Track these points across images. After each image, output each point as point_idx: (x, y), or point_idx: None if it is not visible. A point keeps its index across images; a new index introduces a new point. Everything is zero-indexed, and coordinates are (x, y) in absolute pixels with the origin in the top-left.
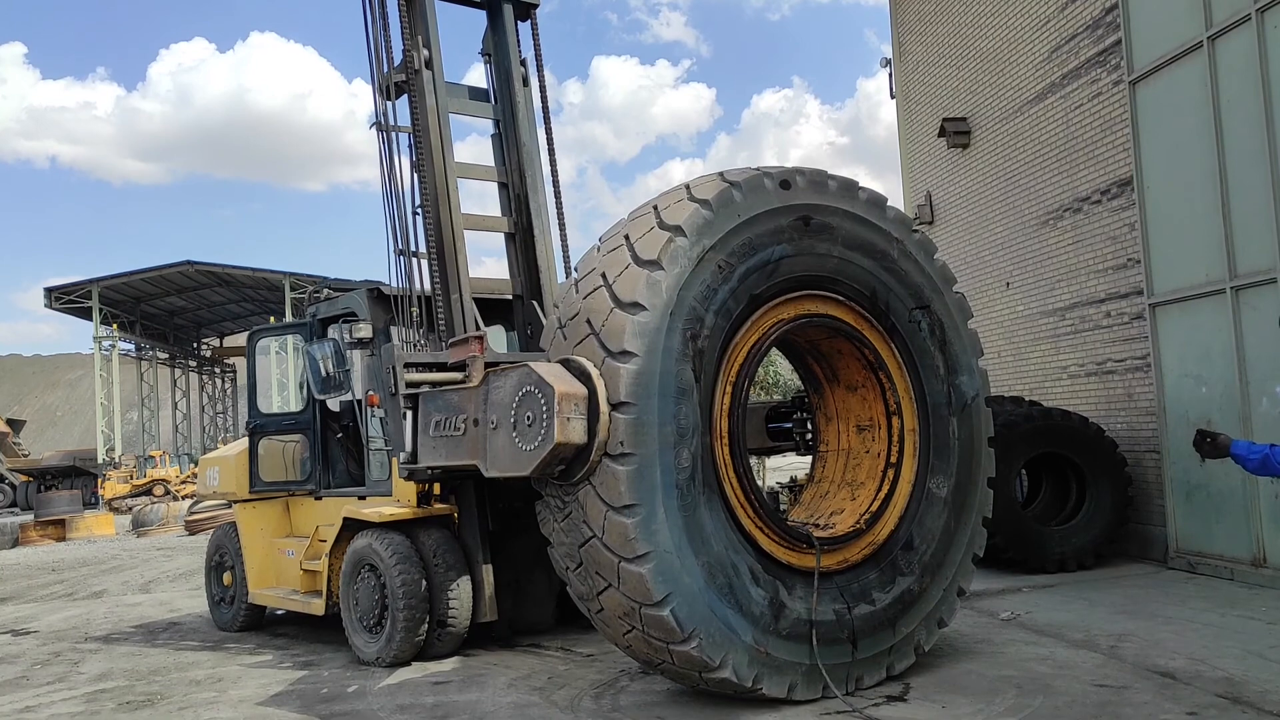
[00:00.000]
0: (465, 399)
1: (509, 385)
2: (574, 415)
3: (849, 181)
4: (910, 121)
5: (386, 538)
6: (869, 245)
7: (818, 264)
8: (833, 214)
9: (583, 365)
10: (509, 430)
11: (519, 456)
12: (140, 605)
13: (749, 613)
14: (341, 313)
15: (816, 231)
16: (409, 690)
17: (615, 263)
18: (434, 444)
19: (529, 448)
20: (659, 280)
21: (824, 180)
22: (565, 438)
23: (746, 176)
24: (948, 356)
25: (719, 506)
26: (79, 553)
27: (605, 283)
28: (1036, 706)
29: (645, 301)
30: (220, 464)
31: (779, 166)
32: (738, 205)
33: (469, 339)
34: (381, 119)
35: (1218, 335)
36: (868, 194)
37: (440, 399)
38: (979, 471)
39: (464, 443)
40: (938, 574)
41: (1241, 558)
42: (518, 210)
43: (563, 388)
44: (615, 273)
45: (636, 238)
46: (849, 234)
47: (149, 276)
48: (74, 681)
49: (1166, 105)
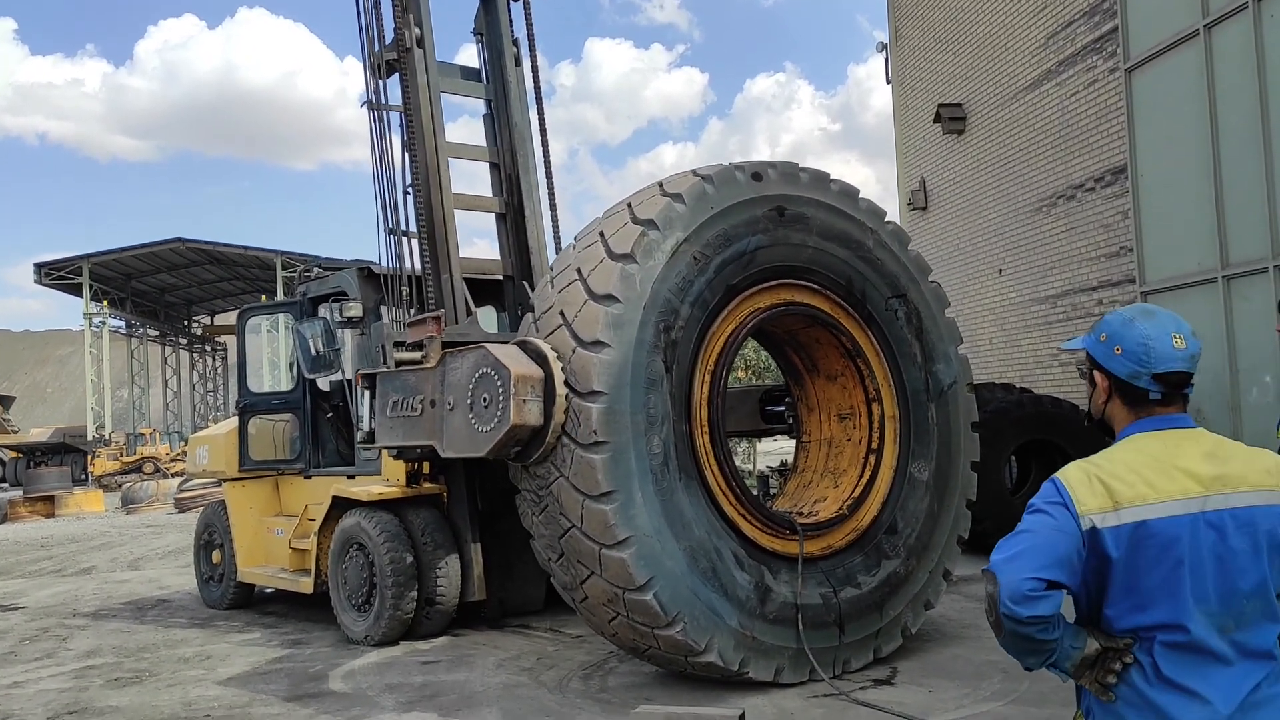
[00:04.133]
0: (422, 380)
1: (466, 367)
2: (530, 397)
3: (820, 174)
4: (905, 107)
5: (375, 516)
6: (844, 235)
7: (793, 254)
8: (806, 204)
9: (539, 348)
10: (465, 411)
11: (475, 437)
12: (129, 582)
13: (734, 597)
14: (332, 292)
15: (791, 222)
16: (398, 669)
17: (590, 258)
18: (391, 424)
19: (485, 429)
20: (632, 273)
21: (795, 172)
22: (521, 420)
23: (718, 170)
24: (924, 344)
25: (698, 492)
26: (68, 529)
27: (580, 277)
28: (1023, 691)
29: (619, 294)
30: (210, 442)
31: (751, 160)
32: (710, 198)
33: (426, 319)
34: (373, 97)
35: (1209, 324)
36: (840, 185)
37: (398, 379)
38: (960, 455)
39: (421, 423)
40: (923, 557)
41: None
42: (509, 191)
43: (519, 370)
44: (590, 267)
45: (611, 233)
46: (823, 224)
47: (140, 253)
48: (62, 658)
49: (1162, 93)
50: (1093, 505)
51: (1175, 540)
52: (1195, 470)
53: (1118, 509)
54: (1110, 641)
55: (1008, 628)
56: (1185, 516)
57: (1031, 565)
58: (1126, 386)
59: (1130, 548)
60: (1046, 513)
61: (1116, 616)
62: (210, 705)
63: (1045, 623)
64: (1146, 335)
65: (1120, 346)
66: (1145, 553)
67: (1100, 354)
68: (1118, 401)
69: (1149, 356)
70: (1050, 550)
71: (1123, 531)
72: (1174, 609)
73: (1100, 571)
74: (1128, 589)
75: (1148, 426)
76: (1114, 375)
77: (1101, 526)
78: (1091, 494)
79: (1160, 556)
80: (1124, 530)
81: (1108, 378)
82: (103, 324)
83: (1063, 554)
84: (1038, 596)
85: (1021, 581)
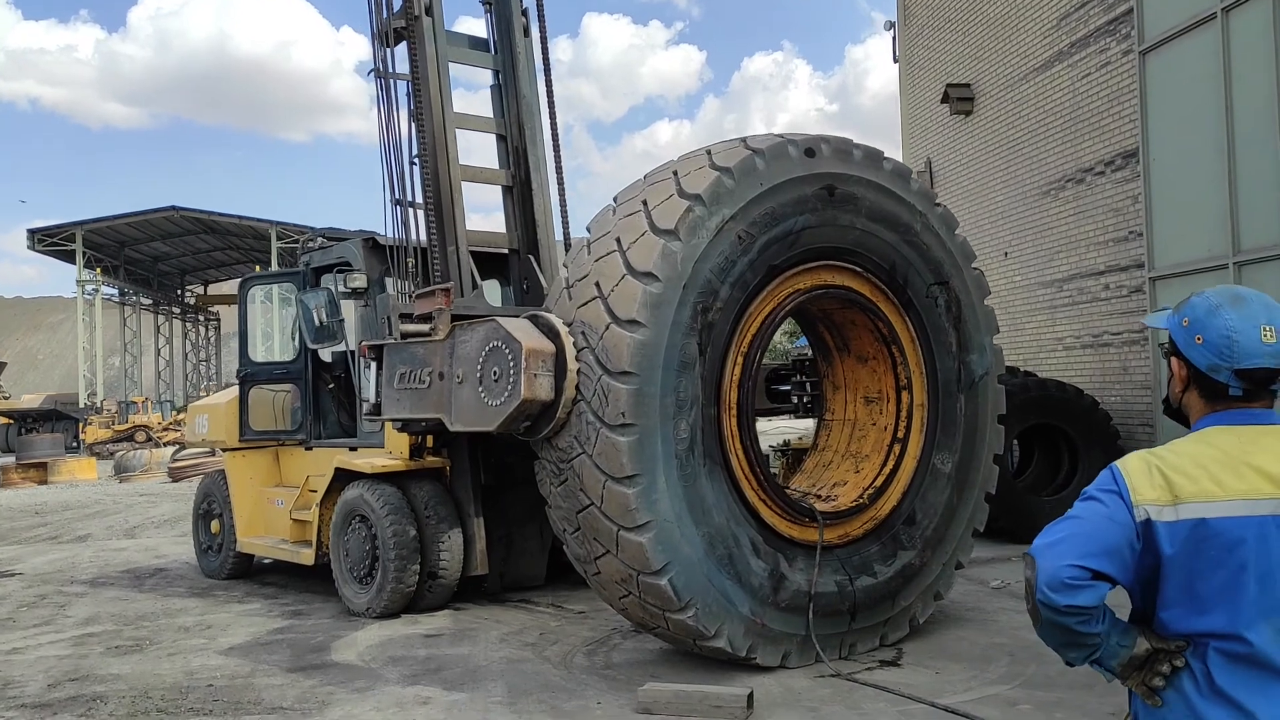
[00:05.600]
0: (431, 352)
1: (475, 340)
2: (541, 372)
3: (874, 151)
4: (912, 86)
5: (378, 489)
6: (892, 218)
7: (839, 235)
8: (857, 184)
9: (551, 321)
10: (474, 385)
11: (484, 411)
12: (125, 550)
13: (748, 584)
14: (336, 262)
15: (840, 202)
16: (400, 643)
17: (631, 228)
18: (398, 396)
19: (495, 403)
20: (675, 251)
21: (849, 149)
22: (532, 394)
23: (770, 143)
24: (961, 333)
25: (721, 478)
26: (61, 496)
27: (619, 248)
28: (1030, 674)
29: (659, 272)
30: (210, 412)
31: (802, 134)
32: (760, 174)
33: (435, 291)
34: (380, 65)
35: None
36: (892, 164)
37: (405, 351)
38: (984, 448)
39: (429, 396)
40: (938, 549)
41: None
42: (516, 164)
43: (530, 344)
44: (630, 239)
45: (655, 204)
46: (873, 205)
47: (133, 221)
48: (61, 625)
49: (1176, 77)
50: (1149, 496)
51: (1239, 543)
52: (1270, 470)
53: (1176, 504)
54: (1162, 643)
55: (1044, 616)
56: (1253, 518)
57: (1074, 552)
58: (1205, 379)
59: (1189, 547)
60: (1098, 499)
61: (1172, 620)
62: (212, 675)
63: (1085, 614)
64: (1231, 327)
65: (1202, 336)
66: (1206, 554)
67: (1181, 340)
68: (1195, 392)
69: (1232, 351)
70: (1098, 538)
71: (1179, 528)
72: (1233, 617)
73: (1155, 569)
74: (1185, 591)
75: (1224, 420)
76: (1192, 365)
77: (1157, 520)
78: (1150, 484)
79: (1222, 559)
80: (1181, 527)
81: (1186, 366)
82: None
83: (1112, 544)
84: (1079, 585)
85: (1061, 568)
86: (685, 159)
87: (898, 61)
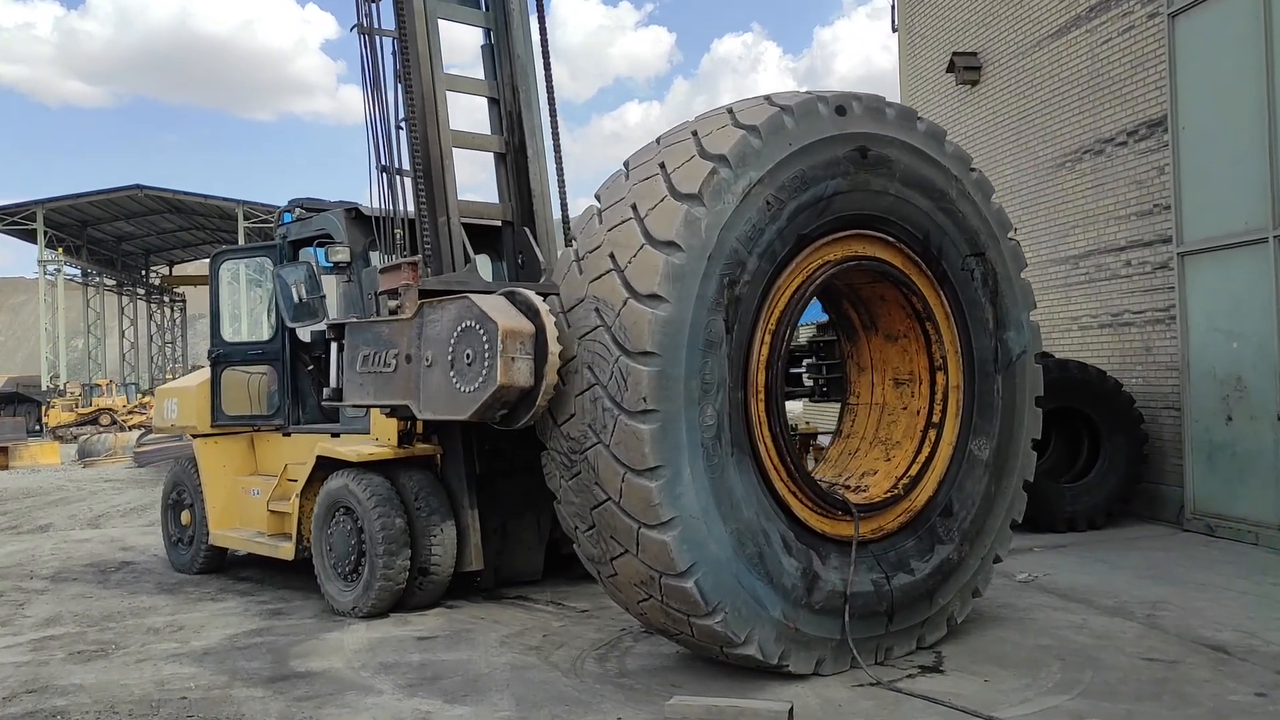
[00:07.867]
0: (397, 332)
1: (447, 319)
2: (519, 355)
3: (907, 110)
4: (913, 56)
5: (365, 478)
6: (927, 183)
7: (871, 202)
8: (890, 145)
9: (529, 299)
10: (445, 369)
11: (456, 398)
12: (89, 542)
13: (779, 585)
14: (315, 234)
15: (873, 165)
16: (391, 646)
17: (648, 193)
18: (361, 380)
19: (468, 389)
20: (699, 218)
21: (882, 107)
22: (509, 380)
23: (798, 100)
24: (998, 309)
25: (750, 468)
26: (23, 482)
27: (636, 215)
28: (1088, 681)
29: (682, 241)
30: (180, 395)
31: (834, 90)
32: (789, 133)
33: (401, 264)
34: (364, 20)
35: (1255, 287)
36: (926, 125)
37: (369, 331)
38: (1022, 432)
39: (395, 380)
40: (977, 542)
41: (1269, 522)
42: (509, 129)
43: (507, 324)
44: (648, 205)
45: (674, 166)
46: (907, 169)
47: (97, 200)
48: (19, 626)
49: (1210, 40)
50: None
51: None
52: None
53: None
54: None
55: None
56: None
57: None
58: None
59: None
60: None
61: None
62: (185, 686)
63: None
64: None
65: None
66: None
67: None
68: None
69: None
70: None
71: None
72: None
73: None
74: None
75: None
76: None
77: None
78: None
79: None
80: None
81: None
82: (58, 272)
83: None
84: None
85: None
86: (704, 118)
87: (897, 30)
